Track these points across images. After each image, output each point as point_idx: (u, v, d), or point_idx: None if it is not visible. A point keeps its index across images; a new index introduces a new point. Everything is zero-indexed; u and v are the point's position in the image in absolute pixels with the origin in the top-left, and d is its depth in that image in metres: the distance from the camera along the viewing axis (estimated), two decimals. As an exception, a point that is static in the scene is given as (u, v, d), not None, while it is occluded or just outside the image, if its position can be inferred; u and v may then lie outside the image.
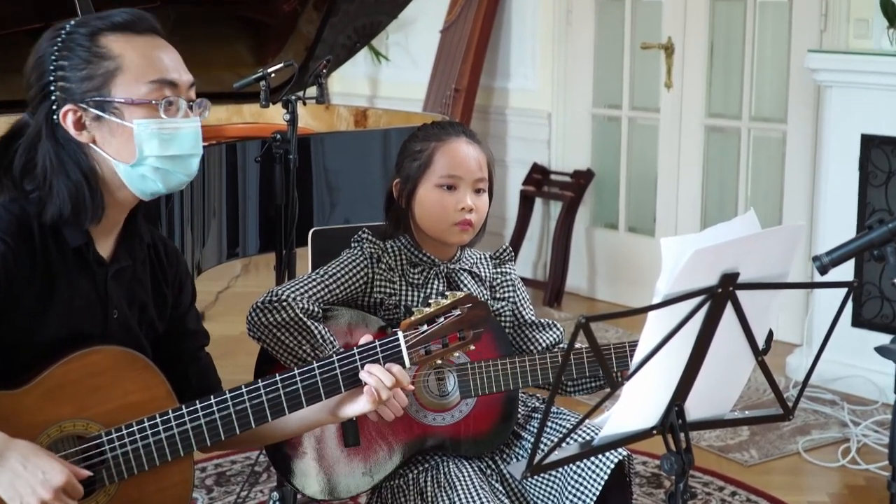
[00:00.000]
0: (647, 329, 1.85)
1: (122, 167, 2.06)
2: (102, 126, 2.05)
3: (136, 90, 2.04)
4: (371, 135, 4.25)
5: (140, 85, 2.04)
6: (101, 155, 2.06)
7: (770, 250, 1.91)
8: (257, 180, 3.69)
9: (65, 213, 2.04)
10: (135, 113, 2.04)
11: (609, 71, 6.09)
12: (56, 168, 2.05)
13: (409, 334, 2.15)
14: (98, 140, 2.06)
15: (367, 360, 2.15)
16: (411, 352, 2.15)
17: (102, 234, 2.12)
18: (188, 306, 2.30)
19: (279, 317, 2.39)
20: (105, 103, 2.03)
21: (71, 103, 2.04)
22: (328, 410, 2.20)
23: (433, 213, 2.53)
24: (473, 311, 2.16)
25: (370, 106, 6.54)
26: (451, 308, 2.16)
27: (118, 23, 2.06)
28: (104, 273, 2.12)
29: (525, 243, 6.31)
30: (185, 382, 2.22)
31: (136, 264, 2.18)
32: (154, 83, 2.05)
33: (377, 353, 2.15)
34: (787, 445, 4.20)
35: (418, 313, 2.16)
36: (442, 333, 2.16)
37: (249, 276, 6.42)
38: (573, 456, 1.99)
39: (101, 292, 2.11)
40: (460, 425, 2.52)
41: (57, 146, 2.06)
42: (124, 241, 2.16)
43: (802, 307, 5.14)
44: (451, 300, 2.16)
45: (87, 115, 2.04)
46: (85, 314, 2.09)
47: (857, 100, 4.64)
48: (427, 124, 2.63)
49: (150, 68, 2.05)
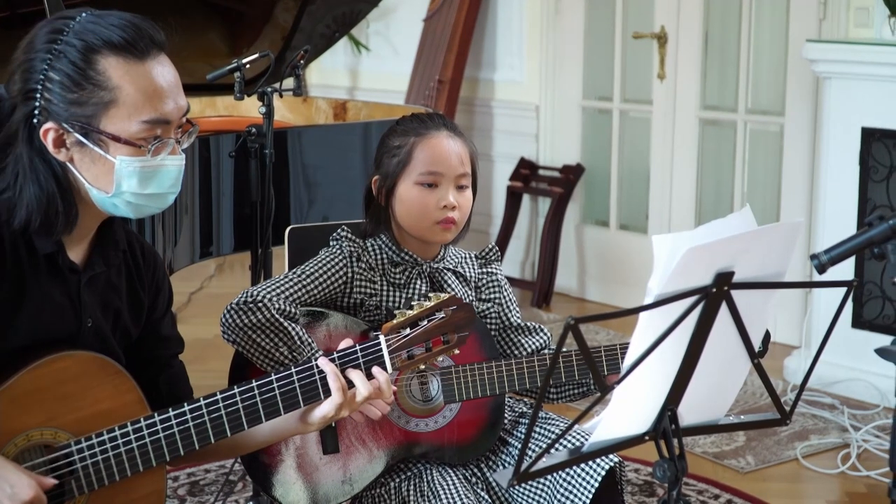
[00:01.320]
0: (639, 330, 1.85)
1: (95, 193, 2.06)
2: (84, 152, 2.03)
3: (128, 127, 2.01)
4: (351, 128, 4.24)
5: (132, 122, 2.01)
6: (76, 176, 2.05)
7: (767, 248, 1.92)
8: (231, 176, 3.68)
9: (34, 224, 2.03)
10: (120, 150, 2.02)
11: (599, 61, 6.10)
12: (28, 174, 2.03)
13: (392, 338, 2.15)
14: (76, 162, 2.04)
15: (348, 364, 2.15)
16: (393, 356, 2.15)
17: (75, 241, 2.12)
18: (164, 311, 2.30)
19: (255, 318, 2.40)
20: (91, 132, 2.01)
21: (54, 122, 2.01)
22: (297, 417, 2.20)
23: (414, 211, 2.53)
24: (458, 314, 2.17)
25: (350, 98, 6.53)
26: (435, 310, 2.16)
27: (119, 44, 2.01)
28: (77, 280, 2.11)
29: (512, 242, 6.32)
30: (156, 391, 2.22)
31: (110, 270, 2.18)
32: (147, 123, 2.02)
33: (357, 357, 2.15)
34: (784, 451, 4.22)
35: (400, 316, 2.16)
36: (425, 337, 2.16)
37: (223, 277, 6.42)
38: (562, 463, 1.99)
39: (74, 300, 2.11)
40: (444, 431, 2.52)
41: (31, 152, 2.04)
42: (98, 247, 2.16)
43: (801, 308, 5.16)
44: (435, 302, 2.16)
45: (69, 137, 2.02)
46: (57, 321, 2.09)
47: (858, 91, 4.65)
48: (406, 117, 2.62)
49: (146, 106, 2.02)
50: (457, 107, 6.41)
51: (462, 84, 6.41)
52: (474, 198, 2.60)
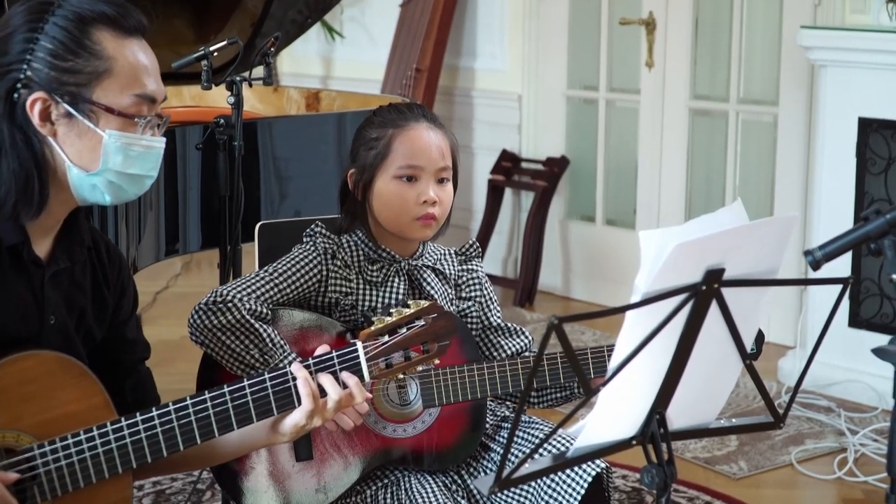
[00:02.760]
0: (625, 330, 1.86)
1: (76, 172, 2.07)
2: (70, 125, 2.06)
3: (120, 100, 2.06)
4: (324, 119, 4.25)
5: (124, 95, 2.06)
6: (58, 152, 2.07)
7: (759, 244, 1.93)
8: (199, 169, 3.68)
9: (7, 204, 2.04)
10: (111, 122, 2.06)
11: (585, 49, 6.11)
12: (8, 151, 2.05)
13: (369, 345, 2.15)
14: (60, 137, 2.07)
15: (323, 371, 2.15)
16: (371, 364, 2.16)
17: (40, 233, 2.12)
18: (129, 314, 2.30)
19: (224, 319, 2.40)
20: (82, 102, 2.04)
21: (43, 91, 2.04)
22: (268, 427, 2.21)
23: (392, 206, 2.54)
24: (439, 322, 2.17)
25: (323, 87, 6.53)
26: (415, 318, 2.16)
27: (108, 16, 2.07)
28: (41, 275, 2.12)
29: (493, 238, 6.33)
30: (121, 397, 2.22)
31: (74, 267, 2.18)
32: (138, 97, 2.08)
33: (334, 363, 2.15)
34: (778, 456, 4.24)
35: (379, 322, 2.16)
36: (404, 345, 2.16)
37: (191, 275, 6.41)
38: (545, 469, 2.00)
39: (37, 295, 2.11)
40: (423, 437, 2.53)
41: (12, 127, 2.06)
42: (63, 241, 2.17)
43: (796, 306, 5.19)
44: (415, 309, 2.16)
45: (56, 108, 2.05)
46: (18, 318, 2.09)
47: (855, 80, 4.67)
48: (383, 107, 2.63)
49: (137, 80, 2.08)
50: (435, 97, 6.41)
51: (441, 73, 6.41)
52: (455, 192, 2.60)
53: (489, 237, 6.30)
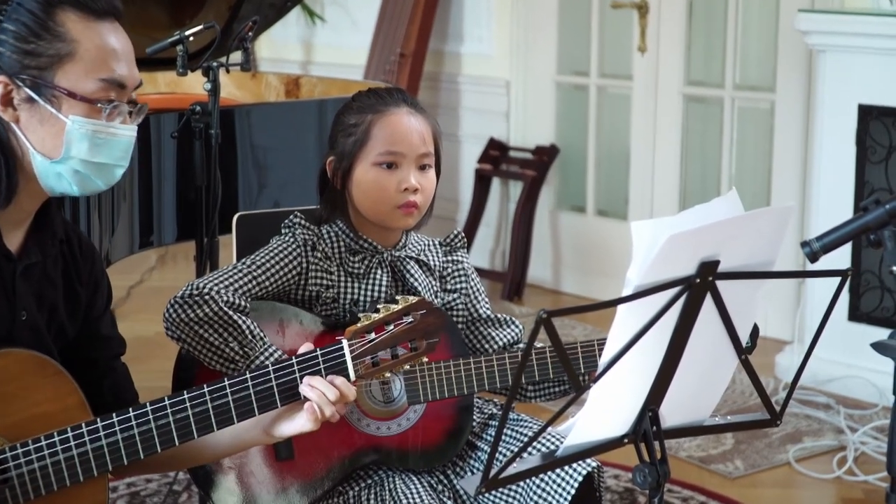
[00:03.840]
0: (617, 324, 1.86)
1: (39, 160, 2.07)
2: (32, 110, 2.06)
3: (84, 84, 2.06)
4: (304, 106, 4.24)
5: (89, 80, 2.06)
6: (22, 139, 2.07)
7: (755, 235, 1.94)
8: (174, 159, 3.68)
9: None
10: (74, 108, 2.06)
11: (575, 33, 6.11)
12: None
13: (355, 343, 2.15)
14: (22, 123, 2.07)
15: (307, 370, 2.15)
16: (357, 363, 2.15)
17: (11, 226, 2.12)
18: (103, 309, 2.30)
19: (201, 312, 2.40)
20: (44, 87, 2.04)
21: (4, 75, 2.04)
22: (262, 428, 2.20)
23: (372, 194, 2.54)
24: (427, 319, 2.17)
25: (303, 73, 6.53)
26: (403, 314, 2.16)
27: None
28: (12, 269, 2.11)
29: (481, 229, 6.34)
30: (99, 397, 2.22)
31: (46, 261, 2.18)
32: (104, 82, 2.07)
33: (318, 362, 2.15)
34: (776, 455, 4.25)
35: (365, 319, 2.16)
36: (392, 343, 2.16)
37: (166, 269, 6.40)
38: (534, 468, 2.01)
39: (8, 290, 2.11)
40: (408, 435, 2.53)
41: None
42: (35, 234, 2.16)
43: (793, 300, 5.20)
44: (403, 305, 2.16)
45: (18, 92, 2.05)
46: None
47: (855, 66, 4.68)
48: (362, 93, 2.63)
49: (104, 64, 2.07)
50: (420, 83, 6.42)
51: (426, 58, 6.42)
52: (438, 179, 2.60)
53: (476, 228, 6.30)
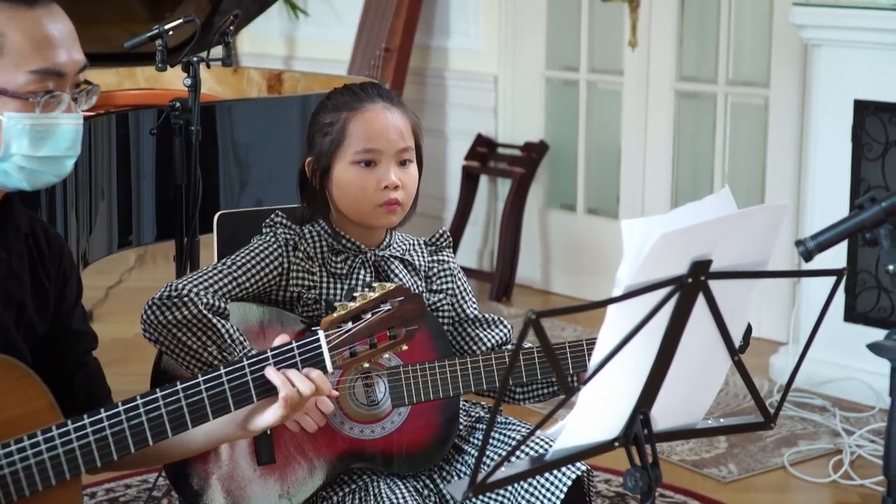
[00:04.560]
0: (607, 325, 1.87)
1: None
2: None
3: (14, 79, 2.03)
4: (287, 102, 4.24)
5: (19, 73, 2.03)
6: None
7: (748, 234, 1.94)
8: (153, 156, 3.67)
9: None
10: (7, 105, 2.03)
11: (565, 27, 6.12)
12: None
13: (332, 333, 2.16)
14: None
15: (283, 363, 2.15)
16: (334, 354, 2.16)
17: None
18: (73, 304, 2.29)
19: (180, 314, 2.39)
20: None
21: None
22: (236, 423, 2.20)
23: (353, 193, 2.54)
24: (406, 306, 2.17)
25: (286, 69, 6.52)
26: (380, 302, 2.17)
27: None
28: None
29: (468, 228, 6.33)
30: (71, 393, 2.22)
31: (11, 257, 2.17)
32: (37, 73, 2.04)
33: (294, 355, 2.15)
34: (770, 459, 4.26)
35: (341, 309, 2.17)
36: (369, 332, 2.17)
37: (145, 269, 6.40)
38: (523, 473, 2.01)
39: (-28, 290, 2.10)
40: (392, 438, 2.53)
41: None
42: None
43: (788, 300, 5.21)
44: (380, 293, 2.17)
45: None
46: None
47: (851, 60, 4.69)
48: (337, 90, 2.63)
49: (35, 54, 2.04)
50: (406, 78, 6.41)
51: (412, 53, 6.41)
52: (420, 174, 2.60)
53: (463, 227, 6.30)
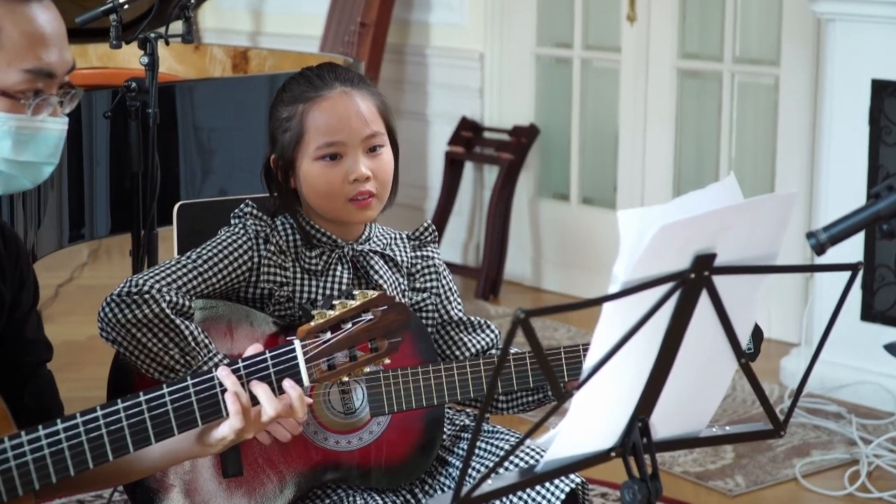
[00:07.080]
0: (603, 325, 1.87)
1: None
2: None
3: (5, 77, 2.06)
4: (254, 82, 4.25)
5: (11, 71, 2.06)
6: None
7: (755, 225, 1.95)
8: (107, 141, 3.67)
9: None
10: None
11: (557, 0, 6.12)
12: None
13: (308, 343, 2.16)
14: None
15: (255, 374, 2.15)
16: (310, 366, 2.16)
17: None
18: (28, 309, 2.30)
19: (140, 313, 2.39)
20: None
21: None
22: (193, 438, 2.21)
23: (320, 191, 2.54)
24: (389, 316, 2.17)
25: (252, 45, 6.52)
26: (362, 311, 2.17)
27: None
28: None
29: (452, 219, 6.34)
30: (20, 404, 2.22)
31: None
32: (29, 73, 2.06)
33: (268, 365, 2.15)
34: (781, 470, 4.27)
35: (320, 317, 2.16)
36: (349, 343, 2.16)
37: (99, 265, 6.39)
38: (511, 486, 2.01)
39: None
40: (370, 450, 2.54)
41: None
42: None
43: (799, 297, 5.22)
44: (361, 301, 2.17)
45: None
46: None
47: (867, 37, 4.69)
48: (292, 79, 2.61)
49: (30, 53, 2.06)
50: (383, 56, 6.41)
51: (389, 28, 6.41)
52: (397, 158, 2.60)
53: (447, 219, 6.31)
